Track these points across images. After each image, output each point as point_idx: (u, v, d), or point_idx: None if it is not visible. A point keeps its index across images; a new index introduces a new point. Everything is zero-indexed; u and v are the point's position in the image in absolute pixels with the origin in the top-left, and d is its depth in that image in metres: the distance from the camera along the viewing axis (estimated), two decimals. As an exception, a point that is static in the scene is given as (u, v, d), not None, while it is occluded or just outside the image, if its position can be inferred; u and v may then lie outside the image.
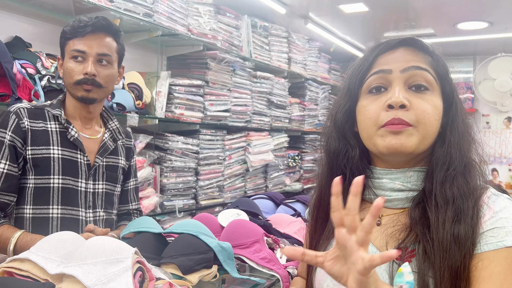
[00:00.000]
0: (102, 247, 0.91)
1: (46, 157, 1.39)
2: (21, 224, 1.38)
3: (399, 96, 0.83)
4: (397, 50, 0.89)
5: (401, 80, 0.86)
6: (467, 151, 0.86)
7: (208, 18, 2.93)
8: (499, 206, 0.80)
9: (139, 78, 2.53)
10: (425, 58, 0.88)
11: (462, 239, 0.77)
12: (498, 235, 0.77)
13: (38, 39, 2.25)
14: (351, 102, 0.93)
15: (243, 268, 1.36)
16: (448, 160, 0.84)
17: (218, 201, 3.13)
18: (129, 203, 1.65)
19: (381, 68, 0.88)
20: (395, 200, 0.88)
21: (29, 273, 0.90)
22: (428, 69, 0.86)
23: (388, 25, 4.01)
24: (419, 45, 0.89)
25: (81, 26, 1.41)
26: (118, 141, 1.58)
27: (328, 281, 0.90)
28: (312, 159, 4.47)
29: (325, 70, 4.65)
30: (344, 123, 0.94)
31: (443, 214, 0.79)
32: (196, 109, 2.88)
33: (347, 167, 0.92)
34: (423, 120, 0.83)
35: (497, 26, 3.85)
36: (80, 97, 1.42)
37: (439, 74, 0.88)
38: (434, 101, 0.85)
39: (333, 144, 0.95)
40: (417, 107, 0.84)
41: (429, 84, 0.86)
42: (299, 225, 1.64)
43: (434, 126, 0.85)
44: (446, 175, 0.82)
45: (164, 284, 0.99)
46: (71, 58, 1.41)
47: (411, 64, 0.86)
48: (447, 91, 0.88)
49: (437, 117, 0.85)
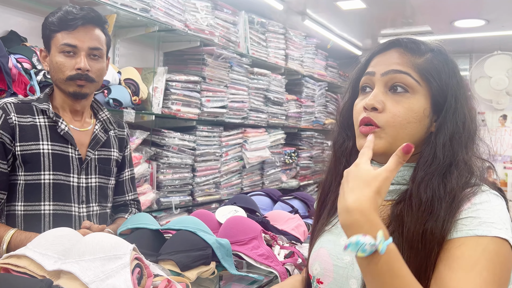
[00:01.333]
0: (100, 244, 0.91)
1: (36, 152, 1.35)
2: (13, 222, 1.36)
3: (371, 99, 0.88)
4: (387, 52, 0.92)
5: (381, 82, 0.90)
6: (455, 153, 0.86)
7: (205, 13, 2.92)
8: (480, 199, 0.81)
9: (135, 74, 2.52)
10: (411, 60, 0.89)
11: (429, 238, 0.78)
12: (470, 224, 0.78)
13: (33, 33, 2.22)
14: (352, 97, 0.99)
15: (241, 265, 1.36)
16: (430, 161, 0.85)
17: (215, 197, 3.12)
18: (126, 194, 1.62)
19: (369, 69, 0.93)
20: None
21: (26, 270, 0.90)
22: (410, 72, 0.88)
23: (385, 22, 4.01)
24: (409, 47, 0.91)
25: (70, 19, 1.35)
26: (110, 131, 1.54)
27: (316, 265, 0.95)
28: (308, 156, 4.47)
29: (322, 67, 4.65)
30: (347, 117, 1.00)
31: (415, 213, 0.81)
32: (193, 105, 2.87)
33: (343, 156, 0.99)
34: (392, 123, 0.86)
35: (494, 24, 3.85)
36: (72, 93, 1.39)
37: (425, 76, 0.88)
38: (411, 104, 0.87)
39: (335, 134, 1.04)
40: (389, 110, 0.87)
41: (409, 87, 0.88)
42: (296, 222, 1.64)
43: (408, 128, 0.87)
44: (425, 175, 0.84)
45: (162, 280, 0.98)
46: (60, 52, 1.36)
47: (391, 67, 0.89)
48: (435, 93, 0.88)
49: (412, 119, 0.87)
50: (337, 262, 0.91)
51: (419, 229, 0.79)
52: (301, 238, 1.59)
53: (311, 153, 4.51)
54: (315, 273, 0.95)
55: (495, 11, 3.52)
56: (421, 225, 0.79)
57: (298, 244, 1.55)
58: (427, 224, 0.79)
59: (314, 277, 0.95)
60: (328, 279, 0.91)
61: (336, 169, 1.00)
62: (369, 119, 0.88)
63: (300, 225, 1.64)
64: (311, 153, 4.50)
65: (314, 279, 0.95)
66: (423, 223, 0.79)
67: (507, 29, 4.00)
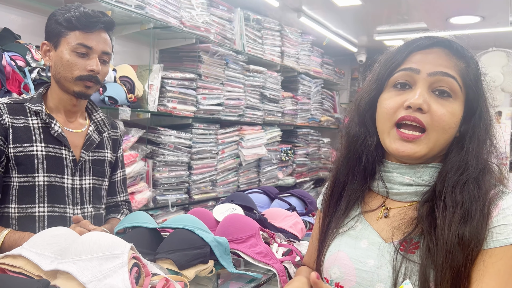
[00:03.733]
0: (97, 243, 0.90)
1: (29, 154, 1.34)
2: (7, 223, 1.34)
3: (419, 98, 0.85)
4: (431, 50, 0.89)
5: (426, 82, 0.87)
6: (485, 158, 0.87)
7: (201, 10, 2.90)
8: (507, 204, 0.82)
9: (131, 71, 2.50)
10: (457, 64, 0.88)
11: (466, 241, 0.78)
12: (504, 232, 0.79)
13: (27, 31, 2.20)
14: (376, 92, 0.95)
15: (239, 263, 1.35)
16: (464, 166, 0.85)
17: (211, 195, 3.12)
18: (117, 195, 1.62)
19: (410, 66, 0.89)
20: (404, 194, 0.90)
21: (22, 270, 0.88)
22: (456, 76, 0.87)
23: (380, 19, 4.01)
24: (454, 49, 0.89)
25: (92, 22, 1.35)
26: (104, 133, 1.54)
27: (335, 269, 0.93)
28: (304, 153, 4.47)
29: (318, 64, 4.64)
30: (366, 110, 0.96)
31: (450, 216, 0.81)
32: (188, 103, 2.85)
33: (363, 152, 0.94)
34: (437, 126, 0.85)
35: (489, 20, 3.86)
36: (77, 92, 1.38)
37: (466, 83, 0.88)
38: (453, 109, 0.86)
39: (353, 128, 0.98)
40: (435, 112, 0.85)
41: (453, 92, 0.86)
42: (294, 219, 1.64)
43: (448, 133, 0.86)
44: (459, 180, 0.84)
45: (160, 279, 0.97)
46: (73, 51, 1.35)
47: (440, 69, 0.87)
48: (471, 99, 0.88)
49: (453, 124, 0.86)
50: (360, 266, 0.89)
51: (455, 232, 0.79)
52: (299, 235, 1.58)
53: (307, 150, 4.50)
54: (333, 277, 0.93)
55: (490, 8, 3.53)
56: (457, 229, 0.79)
57: (296, 242, 1.54)
58: (463, 227, 0.79)
59: (332, 281, 0.93)
60: (350, 283, 0.90)
61: (352, 166, 0.97)
62: (415, 119, 0.85)
63: (298, 222, 1.64)
64: (307, 150, 4.50)
65: (332, 283, 0.93)
66: (459, 227, 0.79)
67: (502, 26, 4.01)
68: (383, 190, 0.93)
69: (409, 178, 0.89)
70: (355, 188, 0.97)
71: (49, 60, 1.41)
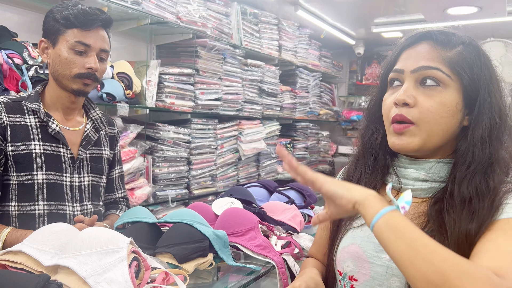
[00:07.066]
0: (97, 238, 0.91)
1: (28, 153, 1.35)
2: (7, 221, 1.36)
3: (403, 94, 0.87)
4: (418, 45, 0.91)
5: (412, 78, 0.89)
6: (495, 149, 0.84)
7: (197, 5, 2.89)
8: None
9: (128, 68, 2.50)
10: (441, 54, 0.87)
11: (473, 236, 0.78)
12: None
13: (24, 28, 2.20)
14: (381, 93, 0.98)
15: (238, 256, 1.36)
16: (470, 158, 0.84)
17: (211, 190, 3.13)
18: (115, 192, 1.64)
19: (396, 67, 0.92)
20: (419, 190, 0.90)
21: (23, 265, 0.90)
22: (440, 66, 0.86)
23: (378, 11, 4.00)
24: (439, 40, 0.89)
25: (90, 20, 1.36)
26: (101, 131, 1.55)
27: (348, 262, 0.93)
28: (304, 147, 4.48)
29: (316, 57, 4.64)
30: (375, 111, 1.00)
31: (458, 214, 0.81)
32: (187, 98, 2.86)
33: (377, 150, 0.98)
34: (426, 118, 0.85)
35: (486, 10, 3.85)
36: (76, 90, 1.39)
37: (456, 70, 0.86)
38: (444, 98, 0.86)
39: (363, 128, 1.03)
40: (422, 105, 0.86)
41: (440, 81, 0.86)
42: (293, 212, 1.65)
43: (442, 123, 0.86)
44: (466, 174, 0.83)
45: (160, 273, 0.99)
46: (71, 49, 1.36)
47: (421, 63, 0.87)
48: (467, 86, 0.87)
49: (445, 114, 0.86)
50: (374, 260, 0.89)
51: (463, 230, 0.79)
52: (298, 228, 1.60)
53: (307, 144, 4.51)
54: (347, 270, 0.93)
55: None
56: (465, 227, 0.79)
57: (294, 234, 1.56)
58: (470, 225, 0.78)
59: (346, 274, 0.94)
60: (364, 277, 0.90)
61: (366, 160, 0.99)
62: (402, 117, 0.86)
63: (297, 215, 1.65)
64: (306, 144, 4.50)
65: (346, 276, 0.94)
66: (466, 225, 0.79)
67: (499, 16, 4.00)
68: (396, 185, 0.93)
69: (424, 174, 0.89)
70: (369, 182, 0.97)
71: (47, 57, 1.41)
